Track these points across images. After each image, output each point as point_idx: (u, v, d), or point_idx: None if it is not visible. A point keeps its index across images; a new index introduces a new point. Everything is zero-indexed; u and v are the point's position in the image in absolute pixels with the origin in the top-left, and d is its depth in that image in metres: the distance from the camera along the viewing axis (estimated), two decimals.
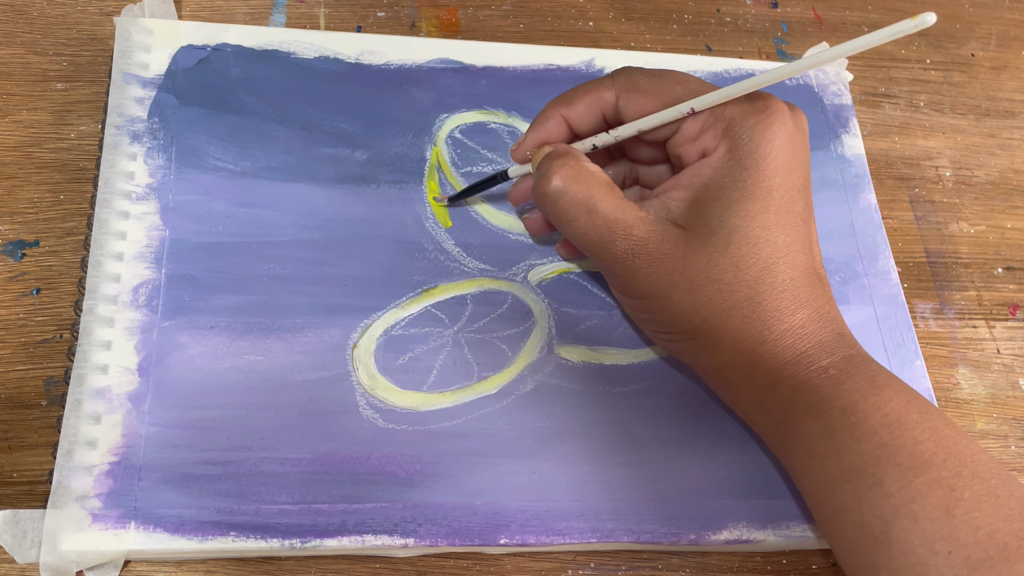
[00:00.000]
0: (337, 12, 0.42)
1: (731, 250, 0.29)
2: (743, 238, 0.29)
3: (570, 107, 0.32)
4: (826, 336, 0.29)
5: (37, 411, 0.31)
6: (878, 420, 0.27)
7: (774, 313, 0.29)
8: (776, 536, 0.33)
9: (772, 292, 0.29)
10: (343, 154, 0.37)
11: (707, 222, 0.29)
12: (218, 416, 0.31)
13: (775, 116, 0.29)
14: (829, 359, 0.29)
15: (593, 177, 0.31)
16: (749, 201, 0.29)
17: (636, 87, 0.31)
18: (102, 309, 0.32)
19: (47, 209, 0.35)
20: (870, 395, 0.28)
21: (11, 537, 0.28)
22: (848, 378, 0.29)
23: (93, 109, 0.37)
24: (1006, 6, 0.51)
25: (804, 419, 0.29)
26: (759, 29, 0.47)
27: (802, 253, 0.30)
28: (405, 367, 0.33)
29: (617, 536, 0.32)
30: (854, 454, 0.27)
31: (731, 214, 0.29)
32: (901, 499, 0.26)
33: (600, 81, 0.32)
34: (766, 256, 0.29)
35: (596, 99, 0.32)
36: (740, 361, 0.30)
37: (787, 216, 0.29)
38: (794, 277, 0.29)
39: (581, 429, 0.33)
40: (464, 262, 0.36)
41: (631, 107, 0.31)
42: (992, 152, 0.46)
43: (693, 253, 0.29)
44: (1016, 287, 0.43)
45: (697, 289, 0.29)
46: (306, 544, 0.30)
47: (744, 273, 0.29)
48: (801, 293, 0.29)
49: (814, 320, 0.29)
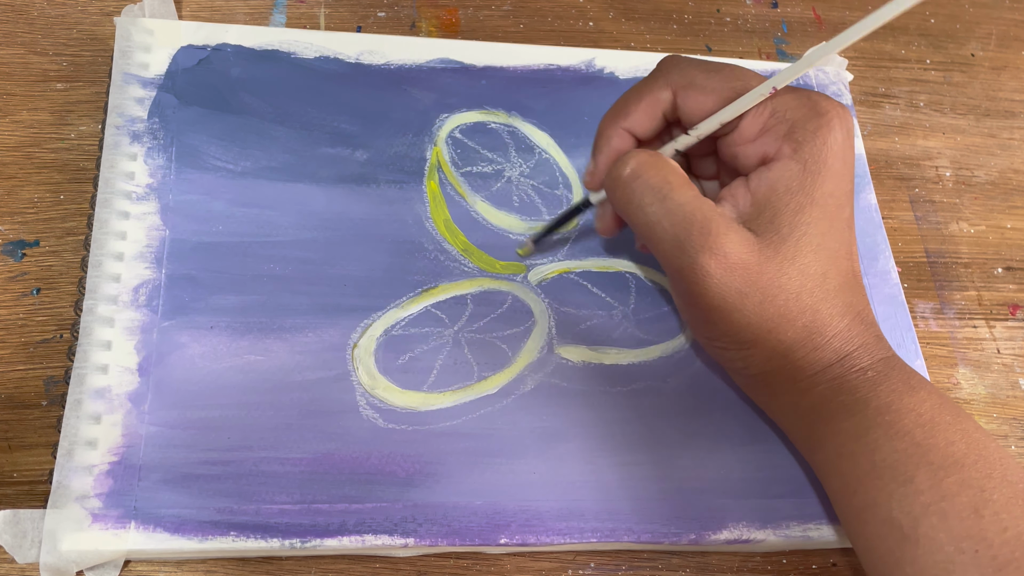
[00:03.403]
0: (337, 12, 0.42)
1: (798, 258, 0.28)
2: (808, 244, 0.28)
3: (628, 117, 0.31)
4: (868, 339, 0.30)
5: (37, 411, 0.31)
6: (912, 420, 0.28)
7: (827, 319, 0.29)
8: (776, 536, 0.33)
9: (827, 298, 0.29)
10: (343, 154, 0.37)
11: (777, 228, 0.28)
12: (218, 416, 0.31)
13: (834, 119, 0.29)
14: (869, 361, 0.29)
15: (670, 165, 0.30)
16: (813, 207, 0.28)
17: (693, 83, 0.30)
18: (102, 309, 0.32)
19: (47, 209, 0.35)
20: (905, 396, 0.28)
21: (11, 537, 0.28)
22: (885, 379, 0.29)
23: (93, 109, 0.37)
24: (1006, 6, 0.51)
25: (838, 418, 0.29)
26: (759, 29, 0.47)
27: (847, 259, 0.30)
28: (405, 367, 0.33)
29: (617, 536, 0.32)
30: (887, 451, 0.28)
31: (800, 220, 0.28)
32: (931, 497, 0.26)
33: (652, 81, 0.31)
34: (824, 262, 0.29)
35: (654, 102, 0.31)
36: (789, 367, 0.30)
37: (838, 222, 0.29)
38: (842, 284, 0.29)
39: (581, 429, 0.33)
40: (464, 262, 0.36)
41: (691, 104, 0.30)
42: (992, 152, 0.46)
43: (767, 261, 0.28)
44: (1016, 287, 0.43)
45: (769, 300, 0.28)
46: (306, 544, 0.30)
47: (808, 280, 0.29)
48: (848, 298, 0.29)
49: (858, 324, 0.30)
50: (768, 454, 0.34)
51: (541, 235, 0.36)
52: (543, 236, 0.36)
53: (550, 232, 0.36)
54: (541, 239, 0.36)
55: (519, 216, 0.38)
